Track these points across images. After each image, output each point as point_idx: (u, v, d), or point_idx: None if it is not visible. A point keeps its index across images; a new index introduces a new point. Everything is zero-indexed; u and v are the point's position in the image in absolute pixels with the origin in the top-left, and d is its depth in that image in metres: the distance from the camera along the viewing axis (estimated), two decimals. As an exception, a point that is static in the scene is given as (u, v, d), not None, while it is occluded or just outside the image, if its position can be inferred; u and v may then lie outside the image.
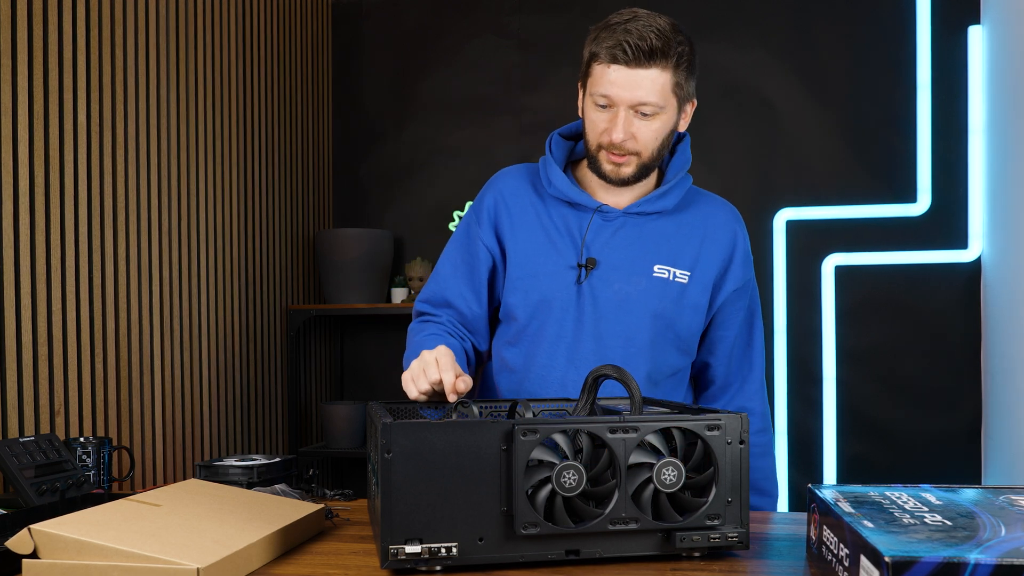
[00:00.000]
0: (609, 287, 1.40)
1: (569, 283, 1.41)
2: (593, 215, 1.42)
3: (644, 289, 1.40)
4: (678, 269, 1.42)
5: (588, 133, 1.38)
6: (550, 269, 1.42)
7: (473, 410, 1.19)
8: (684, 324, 1.43)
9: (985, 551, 0.70)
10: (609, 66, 1.30)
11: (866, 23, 2.80)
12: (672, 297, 1.41)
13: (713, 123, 2.90)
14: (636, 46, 1.28)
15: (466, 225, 1.52)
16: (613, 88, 1.30)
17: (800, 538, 1.11)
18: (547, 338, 1.42)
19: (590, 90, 1.35)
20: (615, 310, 1.40)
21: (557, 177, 1.43)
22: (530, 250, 1.43)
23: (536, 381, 1.43)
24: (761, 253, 2.86)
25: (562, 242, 1.43)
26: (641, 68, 1.29)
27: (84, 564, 0.91)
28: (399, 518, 0.93)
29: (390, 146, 3.18)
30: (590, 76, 1.35)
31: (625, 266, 1.40)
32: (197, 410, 2.33)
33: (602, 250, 1.41)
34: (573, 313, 1.41)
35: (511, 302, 1.45)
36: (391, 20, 3.17)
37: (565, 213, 1.44)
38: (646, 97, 1.30)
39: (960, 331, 2.73)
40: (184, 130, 2.27)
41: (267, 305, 2.73)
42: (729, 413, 1.01)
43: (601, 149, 1.37)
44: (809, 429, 2.82)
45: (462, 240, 1.52)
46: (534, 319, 1.43)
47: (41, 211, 1.78)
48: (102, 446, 1.67)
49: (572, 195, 1.42)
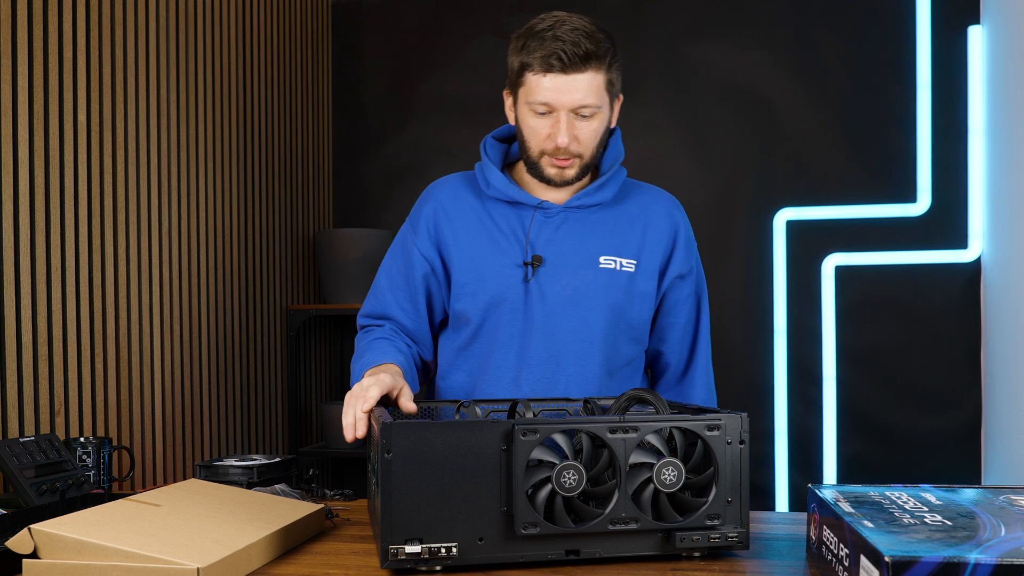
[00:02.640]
0: (558, 282, 1.42)
1: (517, 282, 1.42)
2: (535, 212, 1.44)
3: (593, 281, 1.42)
4: (624, 259, 1.44)
5: (529, 140, 1.39)
6: (496, 270, 1.42)
7: (475, 410, 1.19)
8: (635, 313, 1.45)
9: (985, 551, 0.70)
10: (545, 75, 1.32)
11: (866, 23, 2.80)
12: (621, 287, 1.43)
13: (713, 123, 2.90)
14: (571, 52, 1.31)
15: (402, 237, 1.52)
16: (552, 94, 1.33)
17: (800, 538, 1.11)
18: (500, 338, 1.43)
19: (526, 99, 1.36)
20: (565, 304, 1.41)
21: (496, 178, 1.45)
22: (475, 253, 1.44)
23: (490, 383, 1.44)
24: (761, 253, 2.87)
25: (506, 242, 1.44)
26: (578, 72, 1.32)
27: (84, 564, 0.91)
28: (399, 518, 0.93)
29: (390, 146, 3.18)
30: (523, 85, 1.36)
31: (571, 260, 1.42)
32: (197, 410, 2.33)
33: (547, 246, 1.43)
34: (522, 312, 1.42)
35: (461, 307, 1.45)
36: (391, 20, 3.17)
37: (506, 213, 1.45)
38: (584, 99, 1.33)
39: (960, 331, 2.73)
40: (184, 130, 2.27)
41: (267, 305, 2.73)
42: (729, 413, 1.01)
43: (544, 155, 1.39)
44: (809, 429, 2.82)
45: (398, 253, 1.52)
46: (486, 320, 1.44)
47: (41, 211, 1.78)
48: (102, 446, 1.67)
49: (512, 194, 1.44)
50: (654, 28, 2.94)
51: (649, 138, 2.94)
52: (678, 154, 2.93)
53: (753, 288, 2.87)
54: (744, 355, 2.87)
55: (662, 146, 2.94)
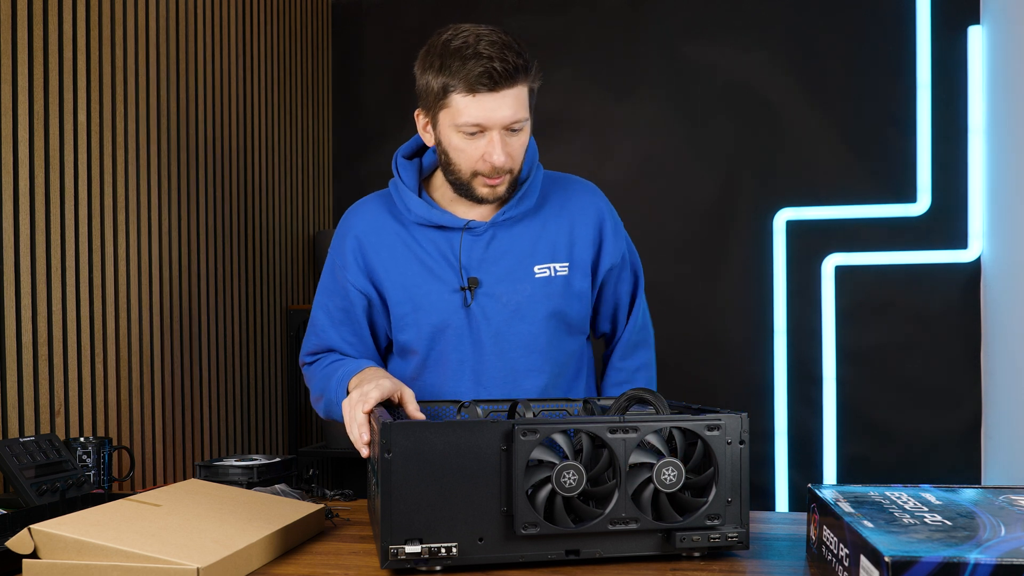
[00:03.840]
0: (497, 301, 1.40)
1: (457, 307, 1.39)
2: (463, 234, 1.40)
3: (531, 293, 1.40)
4: (557, 263, 1.42)
5: (458, 163, 1.34)
6: (434, 299, 1.40)
7: (476, 410, 1.19)
8: (574, 313, 1.45)
9: (985, 551, 0.70)
10: (474, 95, 1.26)
11: (866, 23, 2.80)
12: (559, 292, 1.42)
13: (713, 123, 2.90)
14: (501, 69, 1.25)
15: (331, 272, 1.47)
16: (483, 114, 1.27)
17: (800, 538, 1.11)
18: (450, 365, 1.41)
19: (452, 121, 1.30)
20: (509, 320, 1.40)
21: (415, 204, 1.41)
22: (409, 283, 1.41)
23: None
24: (761, 253, 2.86)
25: (439, 267, 1.40)
26: (507, 88, 1.27)
27: (84, 564, 0.91)
28: (399, 518, 0.93)
29: (390, 146, 3.17)
30: (447, 107, 1.30)
31: (507, 276, 1.40)
32: (197, 410, 2.33)
33: (480, 266, 1.40)
34: (468, 336, 1.40)
35: (404, 338, 1.43)
36: (391, 20, 3.17)
37: (433, 237, 1.41)
38: (515, 115, 1.29)
39: (960, 331, 2.72)
40: (184, 130, 2.27)
41: (267, 305, 2.73)
42: (729, 413, 1.01)
43: (477, 175, 1.34)
44: (809, 429, 2.82)
45: (330, 287, 1.47)
46: (433, 349, 1.42)
47: (41, 211, 1.78)
48: (102, 446, 1.67)
49: (436, 218, 1.40)
50: (654, 28, 2.94)
51: (649, 138, 2.94)
52: (678, 154, 2.93)
53: (753, 288, 2.87)
54: (744, 355, 2.87)
55: (662, 146, 2.94)
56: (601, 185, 1.58)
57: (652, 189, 2.93)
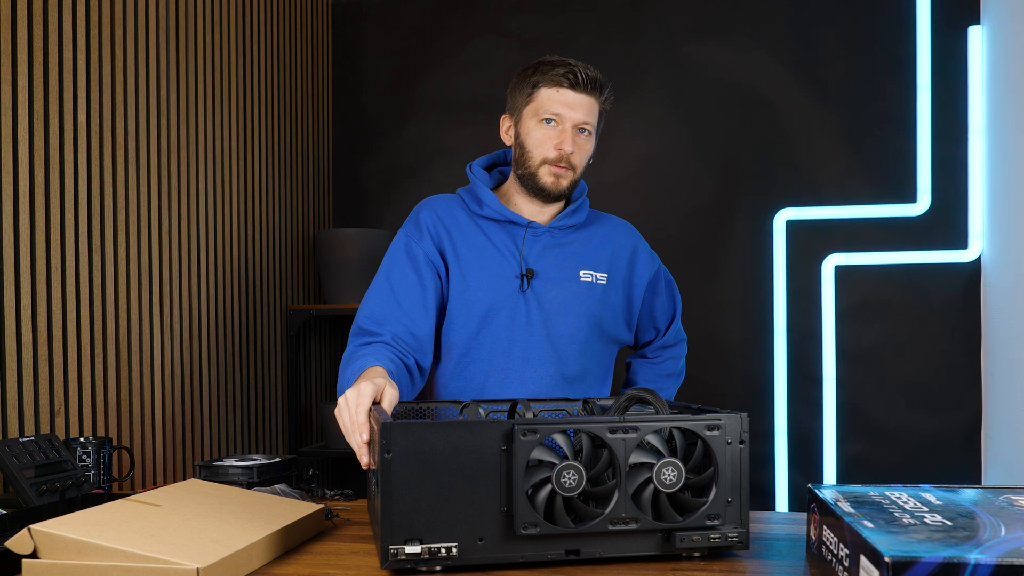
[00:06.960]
0: (548, 292, 1.56)
1: (514, 291, 1.55)
2: (526, 231, 1.58)
3: (576, 292, 1.58)
4: (598, 272, 1.61)
5: (532, 150, 1.54)
6: (495, 280, 1.55)
7: (476, 410, 1.19)
8: (608, 320, 1.62)
9: (985, 551, 0.70)
10: (559, 89, 1.51)
11: (866, 23, 2.80)
12: (598, 298, 1.60)
13: (713, 123, 2.90)
14: (584, 74, 1.50)
15: (405, 240, 1.59)
16: (562, 107, 1.50)
17: (800, 538, 1.11)
18: (500, 342, 1.55)
19: (535, 113, 1.52)
20: (557, 311, 1.56)
21: (489, 198, 1.59)
22: (476, 263, 1.56)
23: (496, 384, 1.54)
24: (761, 253, 2.86)
25: (500, 256, 1.57)
26: (584, 94, 1.51)
27: (84, 564, 0.91)
28: (399, 518, 0.93)
29: (390, 146, 3.18)
30: (532, 101, 1.53)
31: (557, 274, 1.58)
32: (197, 410, 2.33)
33: (536, 261, 1.57)
34: (523, 317, 1.55)
35: (462, 313, 1.55)
36: (391, 20, 3.17)
37: (497, 230, 1.59)
38: (587, 118, 1.52)
39: (960, 331, 2.72)
40: (184, 130, 2.27)
41: (267, 305, 2.73)
42: (729, 413, 1.01)
43: (545, 164, 1.53)
44: (809, 429, 2.82)
45: (402, 258, 1.57)
46: (485, 326, 1.55)
47: (41, 211, 1.78)
48: (102, 446, 1.67)
49: (505, 213, 1.58)
50: (654, 28, 2.94)
51: (649, 138, 2.94)
52: (678, 154, 2.93)
53: (753, 288, 2.87)
54: (744, 355, 2.87)
55: (662, 146, 2.94)
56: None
57: (652, 189, 2.93)
